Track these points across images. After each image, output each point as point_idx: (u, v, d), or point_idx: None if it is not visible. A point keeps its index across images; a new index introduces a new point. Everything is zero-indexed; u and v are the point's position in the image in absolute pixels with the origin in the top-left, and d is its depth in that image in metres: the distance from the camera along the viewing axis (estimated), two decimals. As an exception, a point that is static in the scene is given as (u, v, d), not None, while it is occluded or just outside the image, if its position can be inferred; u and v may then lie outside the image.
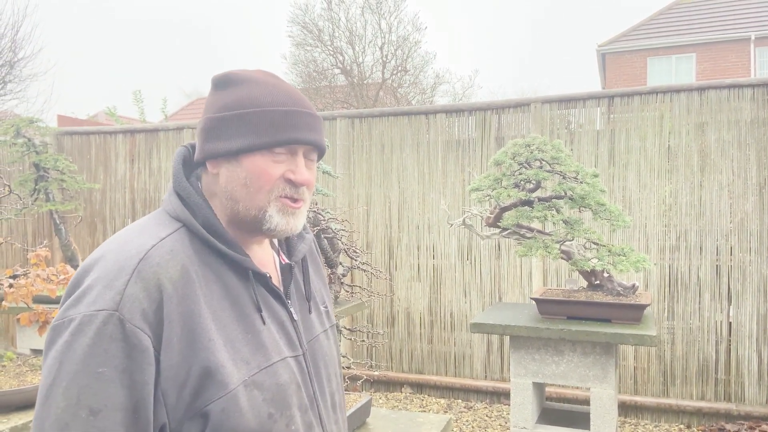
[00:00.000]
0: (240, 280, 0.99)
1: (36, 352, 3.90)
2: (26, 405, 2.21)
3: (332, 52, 17.38)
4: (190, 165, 1.06)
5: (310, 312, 1.12)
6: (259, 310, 0.99)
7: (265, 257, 1.09)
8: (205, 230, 0.97)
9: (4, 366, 2.38)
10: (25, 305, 2.47)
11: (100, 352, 0.84)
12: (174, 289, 0.90)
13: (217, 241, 0.97)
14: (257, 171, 0.97)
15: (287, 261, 1.12)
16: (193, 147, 1.07)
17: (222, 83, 1.02)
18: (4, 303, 2.47)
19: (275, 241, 1.14)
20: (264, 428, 0.92)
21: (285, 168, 0.99)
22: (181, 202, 1.00)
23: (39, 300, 3.04)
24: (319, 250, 1.28)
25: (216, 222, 0.99)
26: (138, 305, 0.86)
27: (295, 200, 1.01)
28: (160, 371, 0.87)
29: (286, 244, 1.16)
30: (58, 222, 4.93)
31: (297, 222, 1.02)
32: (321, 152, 1.06)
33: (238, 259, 0.98)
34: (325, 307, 1.19)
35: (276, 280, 1.08)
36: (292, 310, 1.07)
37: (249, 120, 0.97)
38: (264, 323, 0.99)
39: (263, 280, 1.02)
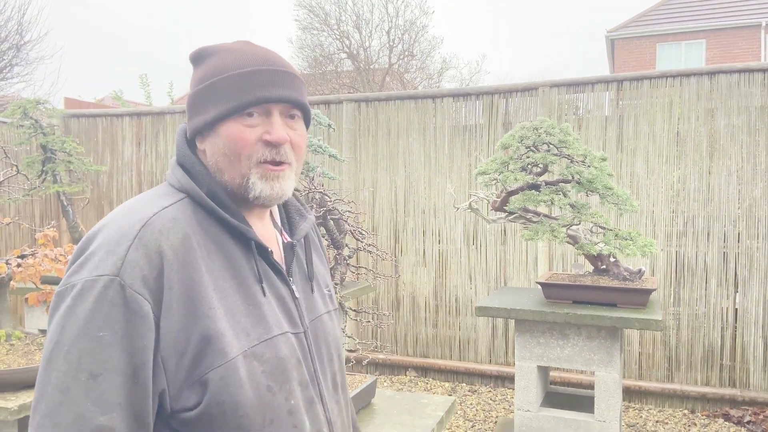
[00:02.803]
0: (242, 251, 0.99)
1: (44, 331, 3.93)
2: (34, 383, 2.23)
3: (339, 37, 17.29)
4: (193, 143, 1.06)
5: (312, 292, 1.12)
6: (260, 282, 0.99)
7: (267, 234, 1.08)
8: (209, 199, 0.98)
9: (12, 345, 2.40)
10: (33, 285, 2.49)
11: (101, 316, 0.84)
12: (175, 255, 0.90)
13: (221, 210, 0.98)
14: (233, 137, 0.97)
15: (289, 239, 1.12)
16: None
17: (196, 59, 1.04)
18: (12, 283, 2.49)
19: (278, 219, 1.14)
20: (263, 400, 0.92)
21: (261, 131, 0.98)
22: (185, 173, 1.00)
23: (47, 280, 3.06)
24: (320, 235, 1.28)
25: (219, 191, 0.99)
26: (138, 271, 0.86)
27: (277, 163, 0.99)
28: (159, 337, 0.87)
29: (289, 223, 1.16)
30: (65, 204, 4.94)
31: (283, 186, 1.01)
32: (302, 109, 1.04)
33: (242, 228, 0.98)
34: (329, 290, 1.19)
35: (278, 257, 1.07)
36: (293, 287, 1.06)
37: (217, 88, 0.97)
38: (264, 295, 0.99)
39: (265, 253, 1.01)
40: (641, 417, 4.06)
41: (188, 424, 0.90)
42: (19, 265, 2.45)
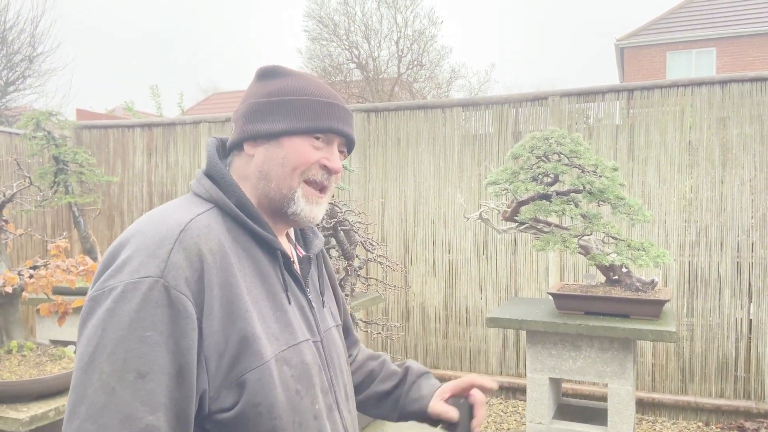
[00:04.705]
0: (268, 260, 1.03)
1: (55, 342, 3.94)
2: (46, 394, 2.24)
3: (348, 47, 17.37)
4: (220, 155, 1.11)
5: (323, 306, 1.16)
6: (286, 290, 1.03)
7: (285, 246, 1.12)
8: (238, 209, 1.01)
9: (24, 356, 2.41)
10: (45, 296, 2.49)
11: (146, 316, 0.85)
12: (213, 259, 0.93)
13: (249, 220, 1.01)
14: (297, 152, 1.03)
15: (305, 253, 1.17)
16: (222, 141, 1.12)
17: (269, 74, 1.09)
18: (24, 293, 2.49)
19: (292, 234, 1.19)
20: (292, 404, 0.95)
21: (321, 155, 1.05)
22: (213, 184, 1.04)
23: (59, 291, 3.07)
24: (327, 258, 1.33)
25: (248, 202, 1.03)
26: (181, 273, 0.89)
27: (322, 189, 1.07)
28: (202, 338, 0.89)
29: (303, 239, 1.21)
30: (77, 214, 4.97)
31: (319, 211, 1.08)
32: (350, 148, 1.13)
33: (269, 238, 1.02)
34: (331, 309, 1.24)
35: (296, 268, 1.12)
36: (310, 297, 1.10)
37: (294, 106, 1.03)
38: (290, 303, 1.03)
39: (288, 263, 1.05)
40: (655, 429, 4.01)
41: (224, 425, 0.91)
42: (31, 276, 2.46)
